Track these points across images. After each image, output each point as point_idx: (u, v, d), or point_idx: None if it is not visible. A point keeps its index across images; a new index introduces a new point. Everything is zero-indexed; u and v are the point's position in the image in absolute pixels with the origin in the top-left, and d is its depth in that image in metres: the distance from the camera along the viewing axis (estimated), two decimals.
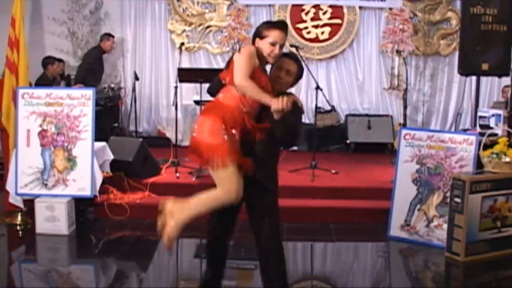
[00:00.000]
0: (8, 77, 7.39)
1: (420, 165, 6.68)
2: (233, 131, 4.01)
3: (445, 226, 6.32)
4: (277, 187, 4.39)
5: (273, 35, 4.13)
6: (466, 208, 5.93)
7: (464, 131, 8.29)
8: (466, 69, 7.53)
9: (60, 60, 10.67)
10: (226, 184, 3.96)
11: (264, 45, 4.15)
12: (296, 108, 4.16)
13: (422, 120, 11.34)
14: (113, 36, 10.85)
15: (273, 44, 4.12)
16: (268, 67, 4.34)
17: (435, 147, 6.65)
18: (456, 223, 6.02)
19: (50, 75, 9.96)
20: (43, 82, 9.55)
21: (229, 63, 4.23)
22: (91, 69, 10.49)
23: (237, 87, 3.99)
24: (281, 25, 4.25)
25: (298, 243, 6.88)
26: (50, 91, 7.09)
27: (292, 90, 4.49)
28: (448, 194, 6.35)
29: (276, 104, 3.81)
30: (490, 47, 7.26)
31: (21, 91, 7.05)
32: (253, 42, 4.23)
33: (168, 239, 4.11)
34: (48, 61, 10.04)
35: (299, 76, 4.41)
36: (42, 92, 7.07)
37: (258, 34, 4.22)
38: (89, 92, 7.02)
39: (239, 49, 4.22)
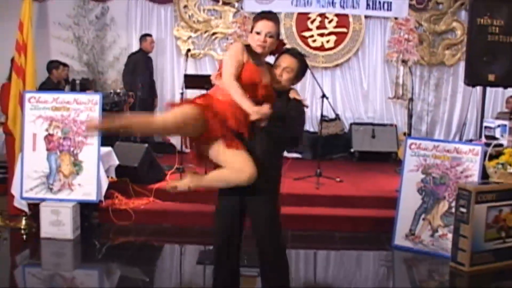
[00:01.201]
0: (15, 81, 7.40)
1: (426, 174, 6.67)
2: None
3: (450, 236, 6.32)
4: (277, 194, 4.31)
5: (258, 25, 4.07)
6: (471, 218, 5.92)
7: (469, 141, 8.28)
8: (472, 79, 7.53)
9: (64, 65, 10.66)
10: (237, 163, 3.90)
11: (251, 37, 4.10)
12: (295, 108, 4.15)
13: (426, 129, 11.35)
14: (149, 35, 10.89)
15: (258, 33, 4.05)
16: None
17: (441, 157, 6.64)
18: (461, 233, 6.01)
19: (55, 80, 9.93)
20: (46, 86, 9.49)
21: None
22: (130, 71, 10.57)
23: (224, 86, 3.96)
24: (265, 14, 4.16)
25: (301, 251, 6.87)
26: (57, 96, 7.08)
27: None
28: (453, 204, 6.35)
29: (254, 114, 3.74)
30: (497, 58, 7.26)
31: (27, 95, 7.05)
32: None
33: (172, 186, 4.13)
34: (53, 65, 9.99)
35: (301, 71, 4.26)
36: (48, 96, 7.05)
37: (251, 29, 4.19)
38: (96, 97, 7.01)
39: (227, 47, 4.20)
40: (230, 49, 4.12)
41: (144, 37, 10.82)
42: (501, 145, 7.06)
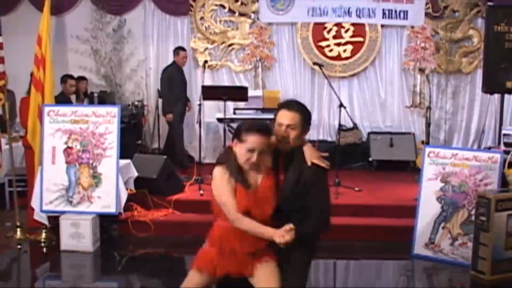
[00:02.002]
0: (34, 95, 7.44)
1: (445, 183, 6.64)
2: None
3: (470, 244, 6.27)
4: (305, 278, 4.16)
5: (251, 140, 3.74)
6: (491, 226, 5.88)
7: (488, 149, 8.24)
8: (490, 87, 7.52)
9: (83, 78, 10.72)
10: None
11: (240, 151, 3.79)
12: (314, 181, 3.89)
13: (444, 138, 11.28)
14: (182, 49, 10.68)
15: (250, 151, 3.74)
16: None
17: (460, 165, 6.61)
18: (481, 241, 5.97)
19: (67, 93, 9.81)
20: (58, 99, 9.40)
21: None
22: (166, 85, 10.45)
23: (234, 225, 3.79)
24: (261, 129, 3.78)
25: (321, 261, 6.84)
26: (76, 109, 7.13)
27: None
28: (472, 212, 6.31)
29: (278, 239, 3.58)
30: None
31: (46, 109, 7.09)
32: (233, 139, 3.93)
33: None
34: (62, 79, 9.89)
35: (306, 123, 3.96)
36: (67, 109, 7.09)
37: (237, 135, 3.85)
38: (114, 110, 7.04)
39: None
40: (215, 185, 3.88)
41: (176, 50, 10.66)
42: None
